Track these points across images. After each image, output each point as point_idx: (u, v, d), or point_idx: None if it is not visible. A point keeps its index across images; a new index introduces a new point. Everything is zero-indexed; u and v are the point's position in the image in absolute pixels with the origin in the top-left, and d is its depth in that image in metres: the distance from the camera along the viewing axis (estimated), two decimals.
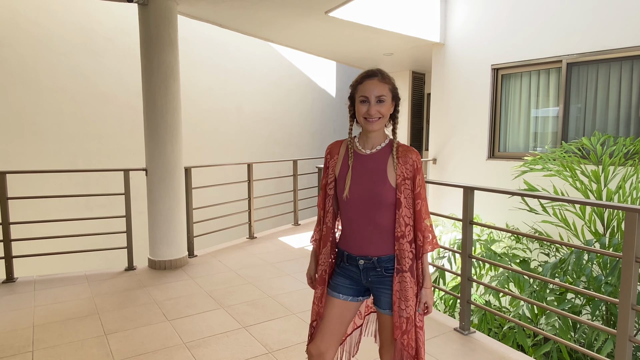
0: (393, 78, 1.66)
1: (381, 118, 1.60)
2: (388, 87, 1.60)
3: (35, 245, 4.62)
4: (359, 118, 1.64)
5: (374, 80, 1.59)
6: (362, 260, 1.66)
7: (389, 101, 1.61)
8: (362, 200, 1.62)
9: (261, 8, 4.83)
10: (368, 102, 1.58)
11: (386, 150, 1.66)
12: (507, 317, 2.86)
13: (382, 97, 1.58)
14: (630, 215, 2.09)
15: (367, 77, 1.60)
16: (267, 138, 9.27)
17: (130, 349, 2.74)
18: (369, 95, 1.58)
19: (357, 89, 1.62)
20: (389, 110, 1.62)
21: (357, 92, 1.62)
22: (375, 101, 1.58)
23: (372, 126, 1.60)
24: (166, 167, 4.35)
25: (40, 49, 6.12)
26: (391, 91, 1.61)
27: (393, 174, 1.61)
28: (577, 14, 5.17)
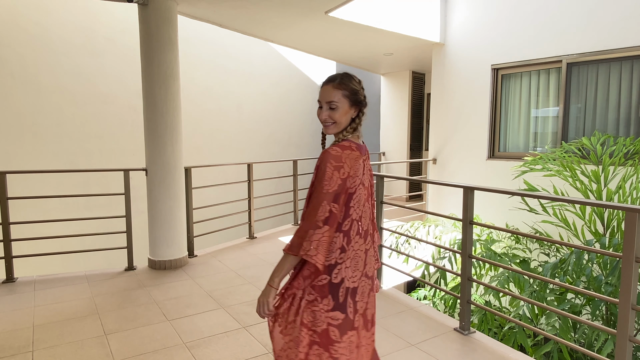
0: (357, 83, 1.60)
1: (335, 123, 1.58)
2: (342, 93, 1.56)
3: (35, 245, 4.62)
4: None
5: (328, 86, 1.58)
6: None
7: (345, 107, 1.57)
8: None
9: (261, 8, 4.83)
10: (321, 107, 1.60)
11: None
12: (507, 317, 2.86)
13: (334, 103, 1.55)
14: (630, 215, 2.09)
15: (325, 82, 1.61)
16: (267, 138, 9.27)
17: (130, 349, 2.74)
18: (321, 100, 1.59)
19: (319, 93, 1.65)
20: (343, 116, 1.57)
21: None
22: (327, 107, 1.57)
23: (326, 130, 1.62)
24: (166, 167, 4.35)
25: (40, 49, 6.12)
26: (347, 97, 1.57)
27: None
28: (577, 14, 5.17)
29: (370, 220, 1.68)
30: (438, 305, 4.87)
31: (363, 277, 1.60)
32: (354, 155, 1.56)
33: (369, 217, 1.66)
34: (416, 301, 3.60)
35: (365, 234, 1.63)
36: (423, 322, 3.15)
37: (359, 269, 1.58)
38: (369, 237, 1.66)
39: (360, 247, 1.59)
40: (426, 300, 5.03)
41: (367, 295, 1.63)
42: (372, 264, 1.67)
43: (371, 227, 1.70)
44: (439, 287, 3.71)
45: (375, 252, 1.73)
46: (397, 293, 3.77)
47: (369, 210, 1.67)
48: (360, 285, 1.58)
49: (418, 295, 5.17)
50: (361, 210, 1.60)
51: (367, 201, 1.65)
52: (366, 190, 1.65)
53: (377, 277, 1.80)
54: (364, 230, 1.62)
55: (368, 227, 1.66)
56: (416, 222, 5.75)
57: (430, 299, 5.02)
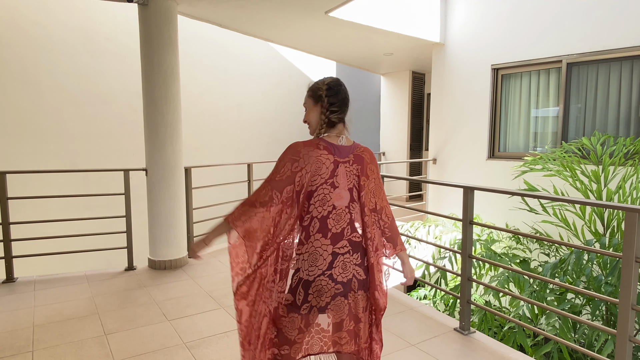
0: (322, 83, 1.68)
1: (308, 124, 1.71)
2: (307, 95, 1.70)
3: (35, 245, 4.62)
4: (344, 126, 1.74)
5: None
6: None
7: (310, 106, 1.68)
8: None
9: (261, 8, 4.83)
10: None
11: None
12: (507, 317, 2.86)
13: (304, 106, 1.70)
14: (630, 215, 2.08)
15: None
16: (267, 138, 9.27)
17: (130, 349, 2.74)
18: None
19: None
20: (310, 115, 1.68)
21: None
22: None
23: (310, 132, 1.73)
24: (166, 167, 4.35)
25: (40, 49, 6.11)
26: (311, 96, 1.68)
27: None
28: (577, 14, 5.17)
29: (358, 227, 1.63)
30: (438, 305, 4.87)
31: (324, 277, 1.57)
32: (317, 154, 1.58)
33: (346, 222, 1.61)
34: (416, 301, 3.60)
35: (335, 237, 1.59)
36: (423, 322, 3.15)
37: (318, 267, 1.57)
38: (346, 243, 1.60)
39: (324, 248, 1.58)
40: (426, 300, 5.03)
41: (330, 297, 1.58)
42: (351, 273, 1.60)
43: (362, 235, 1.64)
44: (439, 287, 3.71)
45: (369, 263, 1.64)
46: (397, 293, 3.77)
47: (347, 215, 1.61)
48: (317, 282, 1.57)
49: (418, 295, 5.17)
50: (328, 211, 1.58)
51: (348, 206, 1.61)
52: (345, 193, 1.60)
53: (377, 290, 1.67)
54: (334, 234, 1.59)
55: (345, 232, 1.60)
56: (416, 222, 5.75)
57: (431, 299, 5.02)
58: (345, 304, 1.61)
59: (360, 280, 1.63)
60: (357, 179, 1.63)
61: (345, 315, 1.62)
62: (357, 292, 1.63)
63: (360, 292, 1.64)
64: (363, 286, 1.65)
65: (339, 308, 1.60)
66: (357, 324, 1.66)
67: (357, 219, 1.64)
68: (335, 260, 1.59)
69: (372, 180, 1.67)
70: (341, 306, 1.61)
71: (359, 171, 1.63)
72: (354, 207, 1.63)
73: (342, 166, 1.61)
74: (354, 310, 1.64)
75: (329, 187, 1.58)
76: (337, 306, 1.60)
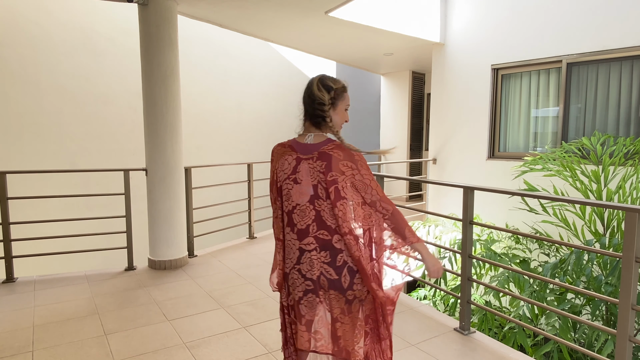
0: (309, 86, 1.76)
1: None
2: None
3: (35, 245, 4.62)
4: (341, 122, 1.74)
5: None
6: None
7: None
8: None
9: (261, 8, 4.83)
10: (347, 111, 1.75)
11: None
12: (507, 317, 2.86)
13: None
14: (630, 215, 2.08)
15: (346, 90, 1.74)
16: (267, 138, 9.27)
17: (130, 349, 2.74)
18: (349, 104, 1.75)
19: (344, 97, 1.71)
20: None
21: (342, 100, 1.71)
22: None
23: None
24: (166, 167, 4.35)
25: (40, 49, 6.11)
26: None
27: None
28: (577, 14, 5.17)
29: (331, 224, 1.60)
30: (438, 305, 4.87)
31: (294, 270, 1.65)
32: (282, 152, 1.71)
33: (311, 219, 1.60)
34: (416, 301, 3.60)
35: (301, 233, 1.61)
36: (423, 322, 3.15)
37: (291, 260, 1.67)
38: (312, 240, 1.61)
39: (293, 242, 1.65)
40: (426, 300, 5.03)
41: (302, 291, 1.62)
42: (318, 271, 1.61)
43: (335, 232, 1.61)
44: (439, 287, 3.71)
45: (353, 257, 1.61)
46: None
47: (312, 212, 1.61)
48: (291, 275, 1.66)
49: (418, 295, 5.17)
50: (292, 206, 1.64)
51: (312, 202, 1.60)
52: (308, 189, 1.60)
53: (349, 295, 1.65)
54: (299, 229, 1.62)
55: (309, 229, 1.61)
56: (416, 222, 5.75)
57: (430, 299, 5.02)
58: (317, 302, 1.62)
59: (331, 280, 1.61)
60: (323, 175, 1.60)
61: (318, 313, 1.63)
62: (328, 291, 1.62)
63: (332, 291, 1.62)
64: (335, 286, 1.61)
65: (312, 305, 1.62)
66: (333, 324, 1.63)
67: (327, 216, 1.61)
68: (302, 256, 1.63)
69: (349, 175, 1.61)
70: (313, 303, 1.62)
71: (324, 167, 1.60)
72: (320, 203, 1.60)
73: (305, 163, 1.62)
74: (329, 310, 1.63)
75: (292, 183, 1.64)
76: (310, 302, 1.62)
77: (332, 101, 1.67)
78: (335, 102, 1.68)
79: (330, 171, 1.59)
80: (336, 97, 1.68)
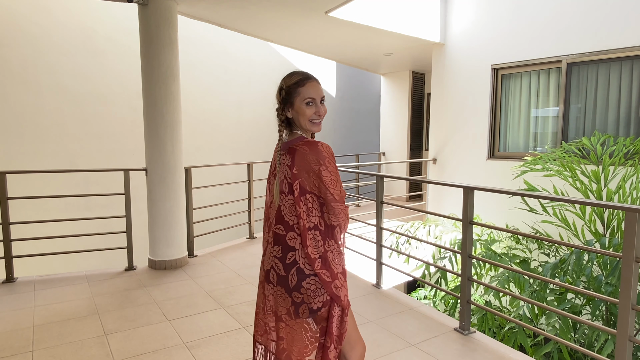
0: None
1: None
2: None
3: (35, 245, 4.62)
4: (303, 121, 1.60)
5: (316, 82, 1.62)
6: None
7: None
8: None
9: (261, 8, 4.83)
10: (314, 104, 1.59)
11: None
12: (507, 317, 2.86)
13: (324, 98, 1.64)
14: (630, 215, 2.08)
15: (309, 80, 1.61)
16: (267, 138, 9.27)
17: (130, 349, 2.74)
18: (316, 97, 1.59)
19: (299, 91, 1.58)
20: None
21: (298, 95, 1.58)
22: (320, 102, 1.61)
23: (319, 127, 1.63)
24: (166, 167, 4.35)
25: (40, 49, 6.12)
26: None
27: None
28: (577, 14, 5.17)
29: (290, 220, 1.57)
30: (438, 305, 4.87)
31: (261, 259, 1.71)
32: (275, 150, 1.72)
33: (274, 213, 1.62)
34: (416, 301, 3.60)
35: (268, 226, 1.67)
36: (423, 322, 3.15)
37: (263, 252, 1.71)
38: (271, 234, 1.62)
39: (264, 234, 1.70)
40: (426, 300, 5.03)
41: (260, 280, 1.69)
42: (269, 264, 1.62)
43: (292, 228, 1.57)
44: (439, 287, 3.71)
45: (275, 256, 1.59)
46: (397, 293, 3.77)
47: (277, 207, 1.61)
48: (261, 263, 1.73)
49: (418, 295, 5.17)
50: (269, 201, 1.69)
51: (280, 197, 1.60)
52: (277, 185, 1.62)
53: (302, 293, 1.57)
54: (268, 223, 1.67)
55: (272, 223, 1.63)
56: (416, 222, 5.75)
57: (431, 299, 5.02)
58: (262, 293, 1.67)
59: (280, 276, 1.58)
60: (289, 169, 1.58)
61: (261, 303, 1.67)
62: (276, 286, 1.59)
63: (279, 288, 1.58)
64: (282, 283, 1.57)
65: (260, 293, 1.68)
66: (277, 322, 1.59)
67: (287, 211, 1.58)
68: (265, 248, 1.68)
69: (311, 172, 1.54)
70: (261, 292, 1.68)
71: (290, 161, 1.58)
72: (283, 198, 1.59)
73: (280, 159, 1.64)
74: (273, 305, 1.61)
75: (272, 178, 1.69)
76: (261, 291, 1.68)
77: (286, 100, 1.61)
78: (290, 100, 1.60)
79: (295, 166, 1.56)
80: (289, 94, 1.60)
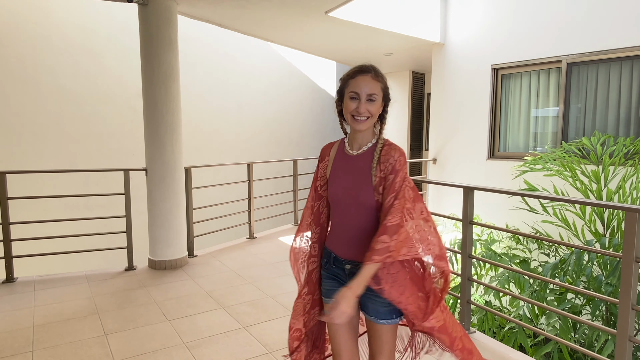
0: (386, 77, 1.56)
1: (370, 118, 1.50)
2: (380, 86, 1.51)
3: (35, 245, 4.62)
4: (346, 115, 1.54)
5: (367, 77, 1.49)
6: (349, 264, 1.59)
7: (380, 101, 1.52)
8: (346, 202, 1.56)
9: (261, 8, 4.83)
10: (358, 99, 1.49)
11: (372, 150, 1.57)
12: (507, 317, 2.86)
13: (374, 95, 1.49)
14: (630, 215, 2.08)
15: (360, 72, 1.50)
16: (267, 138, 9.27)
17: (130, 349, 2.74)
18: (359, 91, 1.48)
19: (348, 83, 1.52)
20: (378, 110, 1.53)
21: (347, 87, 1.52)
22: (366, 99, 1.48)
23: (360, 125, 1.51)
24: (166, 167, 4.35)
25: (40, 49, 6.11)
26: (383, 90, 1.53)
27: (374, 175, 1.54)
28: (577, 14, 5.17)
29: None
30: None
31: None
32: None
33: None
34: None
35: None
36: None
37: None
38: None
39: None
40: None
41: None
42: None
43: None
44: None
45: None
46: None
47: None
48: None
49: None
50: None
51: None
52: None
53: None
54: None
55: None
56: None
57: None
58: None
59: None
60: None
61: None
62: None
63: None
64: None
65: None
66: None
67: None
68: None
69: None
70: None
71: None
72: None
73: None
74: None
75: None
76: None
77: (340, 94, 1.57)
78: (342, 93, 1.55)
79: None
80: (343, 88, 1.55)
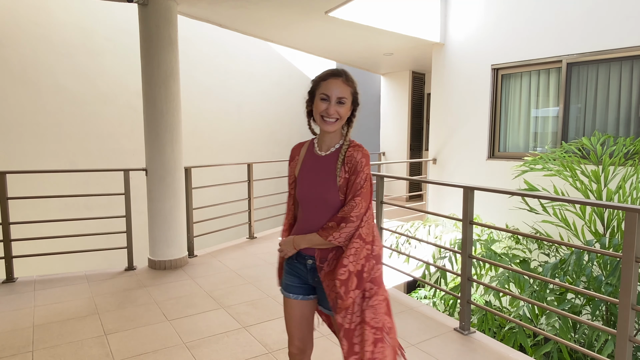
0: (356, 82, 1.63)
1: (338, 120, 1.58)
2: (350, 90, 1.59)
3: (35, 245, 4.62)
4: (316, 115, 1.62)
5: (338, 80, 1.57)
6: (310, 259, 1.65)
7: (349, 104, 1.59)
8: (311, 201, 1.63)
9: (261, 8, 4.83)
10: (328, 101, 1.56)
11: (339, 151, 1.64)
12: (507, 317, 2.86)
13: (343, 98, 1.56)
14: (630, 215, 2.08)
15: (331, 76, 1.58)
16: (267, 138, 9.27)
17: (130, 349, 2.74)
18: (330, 94, 1.56)
19: (320, 85, 1.59)
20: (347, 113, 1.60)
21: (318, 89, 1.59)
22: (336, 101, 1.56)
23: (328, 127, 1.58)
24: (166, 167, 4.35)
25: (40, 49, 6.11)
26: (352, 95, 1.60)
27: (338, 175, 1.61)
28: (577, 14, 5.17)
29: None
30: (438, 305, 4.87)
31: None
32: None
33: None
34: (416, 301, 3.60)
35: None
36: (423, 322, 3.15)
37: None
38: None
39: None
40: (426, 300, 5.03)
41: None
42: None
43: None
44: (439, 287, 3.71)
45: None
46: (397, 293, 3.77)
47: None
48: None
49: (418, 295, 5.17)
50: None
51: None
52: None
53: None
54: None
55: None
56: (416, 222, 5.75)
57: (430, 299, 5.02)
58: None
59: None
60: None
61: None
62: None
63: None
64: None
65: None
66: None
67: None
68: None
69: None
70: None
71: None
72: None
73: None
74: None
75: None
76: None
77: (311, 95, 1.65)
78: (313, 94, 1.63)
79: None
80: (314, 89, 1.63)
